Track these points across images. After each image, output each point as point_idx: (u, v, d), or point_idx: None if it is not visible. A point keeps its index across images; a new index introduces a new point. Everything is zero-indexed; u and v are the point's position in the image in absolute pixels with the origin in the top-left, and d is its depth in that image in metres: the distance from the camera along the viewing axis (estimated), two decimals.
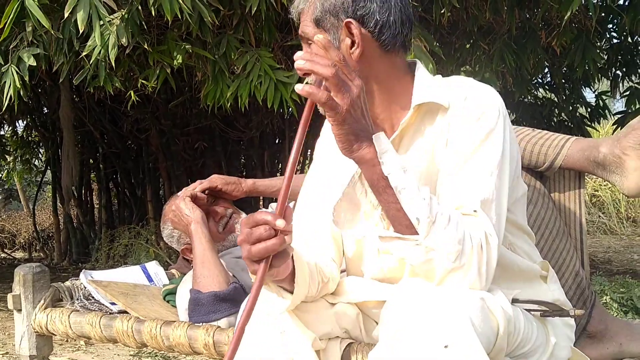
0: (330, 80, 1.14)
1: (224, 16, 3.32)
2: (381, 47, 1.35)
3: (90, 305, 2.03)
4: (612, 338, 1.68)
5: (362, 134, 1.20)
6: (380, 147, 1.20)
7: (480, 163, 1.27)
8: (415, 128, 1.37)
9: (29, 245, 8.34)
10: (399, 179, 1.19)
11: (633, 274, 4.66)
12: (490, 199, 1.25)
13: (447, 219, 1.19)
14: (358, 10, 1.32)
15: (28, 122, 7.71)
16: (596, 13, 3.43)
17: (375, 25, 1.33)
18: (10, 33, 2.99)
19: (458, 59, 3.97)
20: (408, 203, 1.19)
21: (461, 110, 1.32)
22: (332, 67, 1.13)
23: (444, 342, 1.10)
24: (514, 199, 1.41)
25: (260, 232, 1.12)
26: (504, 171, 1.29)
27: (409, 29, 1.38)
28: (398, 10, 1.35)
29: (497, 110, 1.31)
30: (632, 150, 1.61)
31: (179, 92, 5.16)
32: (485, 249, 1.21)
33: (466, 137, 1.30)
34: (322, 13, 1.34)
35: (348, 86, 1.16)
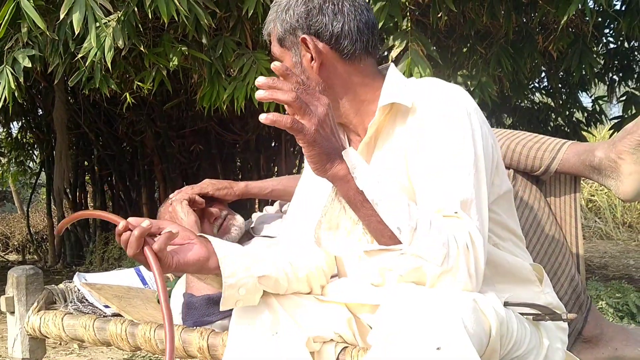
0: (293, 105, 1.16)
1: (220, 18, 3.32)
2: (342, 57, 1.39)
3: (83, 308, 2.02)
4: (608, 343, 1.68)
5: (333, 152, 1.21)
6: (350, 162, 1.22)
7: (454, 164, 1.28)
8: (387, 130, 1.39)
9: (22, 248, 8.31)
10: (374, 192, 1.20)
11: (629, 279, 4.66)
12: (469, 199, 1.25)
13: (429, 224, 1.20)
14: (312, 25, 1.38)
15: (23, 124, 7.69)
16: (593, 18, 3.43)
17: (330, 37, 1.38)
18: (6, 34, 2.98)
19: (455, 62, 3.97)
20: (387, 214, 1.20)
21: (428, 112, 1.32)
22: (292, 92, 1.15)
23: (436, 344, 1.10)
24: (495, 195, 1.40)
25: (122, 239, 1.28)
26: (480, 170, 1.29)
27: (369, 34, 1.41)
28: (352, 19, 1.38)
29: (464, 110, 1.32)
30: (627, 155, 1.61)
31: (174, 94, 5.15)
32: (472, 249, 1.22)
33: (437, 140, 1.30)
34: (283, 33, 1.41)
35: (314, 106, 1.18)
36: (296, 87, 1.16)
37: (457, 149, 1.28)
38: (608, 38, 4.83)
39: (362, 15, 1.40)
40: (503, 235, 1.45)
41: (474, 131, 1.31)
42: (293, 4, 1.39)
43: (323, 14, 1.37)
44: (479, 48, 3.82)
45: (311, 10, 1.37)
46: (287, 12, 1.39)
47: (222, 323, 1.79)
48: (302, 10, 1.38)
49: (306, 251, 1.45)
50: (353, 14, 1.38)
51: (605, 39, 4.82)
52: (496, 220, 1.42)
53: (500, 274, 1.39)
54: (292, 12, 1.39)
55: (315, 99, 1.18)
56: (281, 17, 1.41)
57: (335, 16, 1.37)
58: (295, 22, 1.39)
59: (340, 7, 1.38)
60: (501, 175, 1.43)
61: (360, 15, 1.39)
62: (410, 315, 1.15)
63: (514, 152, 1.74)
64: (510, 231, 1.47)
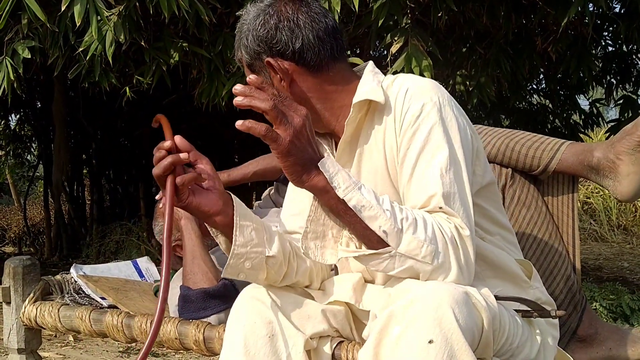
0: (270, 114, 1.17)
1: (221, 14, 3.32)
2: (309, 70, 1.39)
3: (80, 300, 2.02)
4: (602, 342, 1.69)
5: (310, 163, 1.21)
6: (328, 172, 1.21)
7: (431, 159, 1.28)
8: (367, 128, 1.39)
9: (19, 240, 8.30)
10: (356, 199, 1.20)
11: (623, 282, 4.68)
12: (450, 192, 1.25)
13: (414, 223, 1.20)
14: (273, 47, 1.37)
15: (21, 116, 7.68)
16: (592, 20, 3.44)
17: (293, 54, 1.37)
18: (6, 25, 2.98)
19: (454, 62, 3.97)
20: (371, 219, 1.20)
21: (404, 109, 1.33)
22: (269, 101, 1.16)
23: (429, 337, 1.11)
24: (478, 185, 1.40)
25: (157, 155, 1.25)
26: (458, 162, 1.29)
27: (331, 40, 1.40)
28: (310, 31, 1.37)
29: (436, 102, 1.31)
30: (625, 155, 1.62)
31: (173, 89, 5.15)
32: (459, 242, 1.22)
33: (413, 137, 1.30)
34: (250, 59, 1.41)
35: (290, 117, 1.18)
36: (272, 97, 1.17)
37: (434, 145, 1.28)
38: (607, 41, 4.84)
39: (320, 23, 1.38)
40: (491, 229, 1.45)
41: (448, 124, 1.31)
42: (252, 29, 1.38)
43: (281, 32, 1.36)
44: (478, 48, 3.82)
45: (269, 32, 1.36)
46: (248, 38, 1.39)
47: (218, 316, 1.80)
48: (261, 33, 1.37)
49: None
50: (310, 25, 1.37)
51: (604, 41, 4.83)
52: (482, 213, 1.42)
53: (488, 268, 1.39)
54: (251, 37, 1.38)
55: (292, 110, 1.19)
56: (244, 43, 1.40)
57: (293, 32, 1.36)
58: (257, 46, 1.38)
59: (296, 21, 1.36)
60: (483, 166, 1.42)
61: (318, 24, 1.38)
62: (403, 309, 1.16)
63: (512, 151, 1.75)
64: (497, 224, 1.47)
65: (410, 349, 1.12)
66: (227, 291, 1.83)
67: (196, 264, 1.89)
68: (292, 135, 1.17)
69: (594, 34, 3.97)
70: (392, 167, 1.36)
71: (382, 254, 1.21)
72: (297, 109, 1.19)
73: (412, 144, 1.30)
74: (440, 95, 1.33)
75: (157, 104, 5.80)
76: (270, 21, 1.37)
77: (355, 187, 1.21)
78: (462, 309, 1.14)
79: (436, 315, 1.12)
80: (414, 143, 1.30)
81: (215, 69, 3.39)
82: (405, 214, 1.21)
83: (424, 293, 1.16)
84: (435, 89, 1.34)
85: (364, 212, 1.19)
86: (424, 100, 1.31)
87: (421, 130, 1.29)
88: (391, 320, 1.16)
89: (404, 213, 1.21)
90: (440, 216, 1.24)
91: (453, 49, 4.02)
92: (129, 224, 6.23)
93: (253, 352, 1.30)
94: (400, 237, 1.19)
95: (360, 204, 1.20)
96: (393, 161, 1.35)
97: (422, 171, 1.28)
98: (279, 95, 1.18)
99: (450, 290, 1.16)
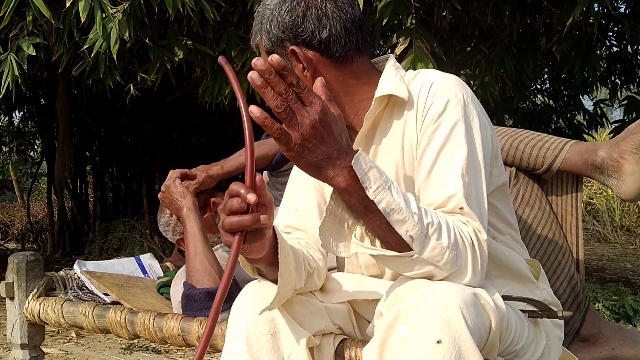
0: (279, 114, 1.07)
1: (225, 12, 3.32)
2: (334, 61, 1.35)
3: (83, 295, 2.03)
4: (605, 342, 1.69)
5: (327, 162, 1.12)
6: (361, 170, 1.12)
7: (452, 157, 1.25)
8: (385, 123, 1.37)
9: (22, 237, 8.32)
10: (386, 201, 1.13)
11: (626, 283, 4.67)
12: (471, 193, 1.24)
13: (439, 228, 1.16)
14: (299, 35, 1.33)
15: (25, 113, 7.69)
16: (597, 20, 3.44)
17: (319, 44, 1.33)
18: (10, 21, 2.98)
19: (458, 62, 3.97)
20: (399, 222, 1.13)
21: (427, 104, 1.30)
22: (280, 98, 1.06)
23: (437, 337, 1.10)
24: (494, 186, 1.38)
25: (233, 203, 1.08)
26: (477, 162, 1.27)
27: (357, 32, 1.36)
28: (337, 21, 1.33)
29: (460, 99, 1.29)
30: (630, 155, 1.61)
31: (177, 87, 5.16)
32: (478, 247, 1.21)
33: (433, 132, 1.28)
34: (271, 46, 1.36)
35: (301, 116, 1.07)
36: (287, 91, 1.06)
37: (455, 142, 1.26)
38: (611, 41, 4.83)
39: (347, 14, 1.34)
40: (502, 228, 1.44)
41: (471, 123, 1.29)
42: (276, 15, 1.33)
43: (308, 21, 1.31)
44: (482, 48, 3.82)
45: (296, 19, 1.32)
46: (272, 24, 1.34)
47: (222, 315, 1.80)
48: (286, 20, 1.32)
49: (311, 246, 1.44)
50: (338, 15, 1.32)
51: (609, 41, 4.82)
52: (495, 213, 1.41)
53: (497, 268, 1.38)
54: (276, 23, 1.33)
55: (304, 108, 1.08)
56: (266, 28, 1.35)
57: (321, 21, 1.31)
58: (281, 33, 1.33)
59: (324, 10, 1.32)
60: (499, 167, 1.41)
61: (345, 15, 1.34)
62: (411, 308, 1.14)
63: (516, 150, 1.75)
64: (508, 224, 1.46)
65: (418, 348, 1.10)
66: (229, 290, 1.83)
67: (198, 260, 1.88)
68: (301, 138, 1.08)
69: (599, 34, 3.96)
70: (409, 163, 1.34)
71: (404, 257, 1.16)
72: (313, 103, 1.08)
73: (433, 140, 1.28)
74: (465, 93, 1.31)
75: (161, 101, 5.81)
76: (298, 8, 1.32)
77: (385, 186, 1.13)
78: (470, 310, 1.13)
79: (445, 315, 1.11)
80: (435, 139, 1.27)
81: (219, 68, 3.38)
82: (430, 217, 1.16)
83: (433, 293, 1.15)
84: (459, 85, 1.32)
85: (392, 215, 1.13)
86: (448, 97, 1.29)
87: (443, 127, 1.27)
88: (398, 319, 1.15)
89: (430, 217, 1.16)
90: (460, 219, 1.22)
91: (457, 48, 4.01)
92: (132, 221, 6.24)
93: (255, 349, 1.29)
94: (425, 243, 1.15)
95: (390, 206, 1.13)
96: (411, 156, 1.33)
97: (442, 169, 1.25)
98: (297, 84, 1.07)
99: (459, 291, 1.15)
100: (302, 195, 1.49)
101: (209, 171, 2.08)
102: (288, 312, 1.34)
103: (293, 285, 1.30)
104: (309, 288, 1.41)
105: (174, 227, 2.12)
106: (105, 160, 7.36)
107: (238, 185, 1.09)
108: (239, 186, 1.09)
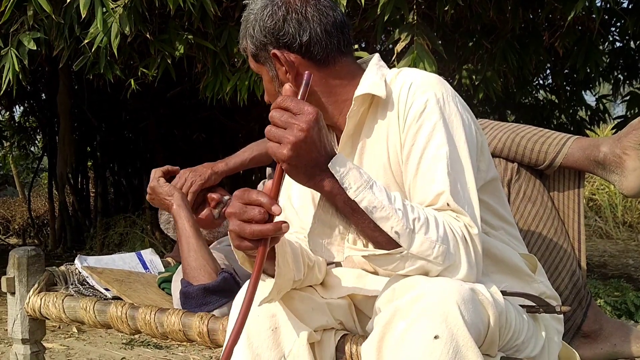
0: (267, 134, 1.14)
1: (226, 8, 3.31)
2: (315, 63, 1.37)
3: (84, 291, 2.02)
4: (607, 338, 1.68)
5: (313, 170, 1.16)
6: (338, 172, 1.16)
7: (436, 156, 1.26)
8: (370, 122, 1.38)
9: (23, 232, 8.33)
10: (367, 199, 1.16)
11: (628, 279, 4.67)
12: (458, 189, 1.24)
13: (426, 222, 1.17)
14: (280, 39, 1.36)
15: (25, 108, 7.69)
16: (600, 15, 3.42)
17: (300, 47, 1.36)
18: (11, 16, 2.98)
19: (460, 57, 3.96)
20: (383, 220, 1.16)
21: (407, 104, 1.31)
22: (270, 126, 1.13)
23: (434, 332, 1.10)
24: (482, 181, 1.39)
25: (255, 213, 1.10)
26: (463, 158, 1.28)
27: (338, 34, 1.38)
28: (318, 24, 1.36)
29: (440, 98, 1.30)
30: (632, 150, 1.61)
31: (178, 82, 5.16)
32: (470, 241, 1.21)
33: (416, 132, 1.29)
34: (255, 50, 1.40)
35: (289, 129, 1.12)
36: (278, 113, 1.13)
37: (438, 141, 1.27)
38: (614, 36, 4.82)
39: (327, 17, 1.37)
40: (495, 223, 1.44)
41: (453, 120, 1.29)
42: (259, 19, 1.36)
43: (289, 25, 1.34)
44: (484, 43, 3.81)
45: (277, 24, 1.35)
46: (255, 28, 1.37)
47: (221, 310, 1.80)
48: (268, 24, 1.35)
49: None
50: (318, 18, 1.35)
51: (611, 37, 4.81)
52: (486, 208, 1.41)
53: (492, 263, 1.38)
54: (258, 27, 1.37)
55: (296, 116, 1.13)
56: (250, 33, 1.39)
57: (301, 25, 1.34)
58: (263, 37, 1.37)
59: (304, 14, 1.35)
60: (487, 161, 1.41)
61: (326, 18, 1.36)
62: (409, 304, 1.15)
63: (518, 145, 1.74)
64: (501, 219, 1.46)
65: (415, 344, 1.11)
66: (227, 285, 1.82)
67: (192, 257, 1.86)
68: (289, 153, 1.12)
69: (602, 29, 3.95)
70: (394, 163, 1.35)
71: (394, 254, 1.18)
72: (303, 113, 1.13)
73: (416, 140, 1.29)
74: (445, 91, 1.32)
75: (162, 96, 5.81)
76: (279, 12, 1.35)
77: (367, 186, 1.17)
78: (468, 306, 1.13)
79: (442, 311, 1.11)
80: (419, 139, 1.28)
81: (220, 63, 3.38)
82: (417, 213, 1.18)
83: (430, 289, 1.15)
84: (439, 84, 1.33)
85: (375, 213, 1.16)
86: (427, 96, 1.30)
87: (425, 126, 1.28)
88: (396, 315, 1.15)
89: (416, 212, 1.18)
90: (450, 214, 1.23)
91: (459, 43, 4.00)
92: (133, 216, 6.24)
93: (256, 344, 1.30)
94: (413, 238, 1.16)
95: (372, 204, 1.16)
96: (396, 157, 1.34)
97: (428, 168, 1.26)
98: (287, 99, 1.13)
99: (456, 286, 1.15)
100: (297, 193, 1.50)
101: (214, 168, 2.09)
102: (289, 308, 1.35)
103: (291, 276, 1.30)
104: (311, 282, 1.41)
105: (174, 224, 2.11)
106: (106, 155, 7.36)
107: (259, 195, 1.12)
108: (260, 195, 1.12)
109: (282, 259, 1.25)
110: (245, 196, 1.13)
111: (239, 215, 1.12)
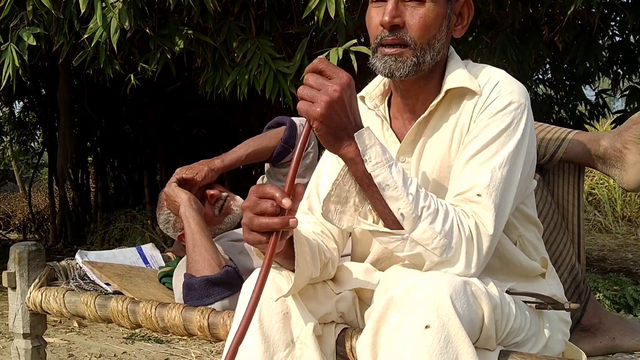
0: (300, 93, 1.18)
1: (226, 3, 3.30)
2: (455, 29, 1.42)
3: (85, 285, 2.03)
4: (606, 332, 1.69)
5: (341, 133, 1.21)
6: (363, 143, 1.21)
7: (493, 156, 1.29)
8: (442, 112, 1.40)
9: (23, 227, 8.33)
10: (382, 176, 1.20)
11: (627, 273, 4.67)
12: (496, 187, 1.26)
13: (434, 213, 1.21)
14: None
15: (25, 103, 7.69)
16: (599, 10, 3.42)
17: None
18: (11, 11, 2.97)
19: (460, 51, 3.95)
20: (392, 199, 1.20)
21: (489, 99, 1.33)
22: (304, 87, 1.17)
23: (425, 322, 1.12)
24: (530, 191, 1.44)
25: (267, 206, 1.13)
26: (516, 164, 1.30)
27: None
28: None
29: (521, 105, 1.33)
30: (632, 145, 1.61)
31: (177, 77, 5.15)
32: (476, 240, 1.23)
33: (485, 127, 1.31)
34: None
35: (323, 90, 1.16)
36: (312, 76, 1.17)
37: (501, 139, 1.29)
38: (614, 31, 4.81)
39: None
40: (528, 227, 1.48)
41: (524, 130, 1.32)
42: None
43: None
44: (484, 37, 3.80)
45: None
46: None
47: (222, 303, 1.81)
48: None
49: (326, 235, 1.46)
50: None
51: (611, 31, 4.80)
52: (526, 213, 1.45)
53: (509, 272, 1.41)
54: None
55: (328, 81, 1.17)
56: None
57: None
58: None
59: None
60: (532, 179, 1.45)
61: None
62: (401, 297, 1.17)
63: None
64: (534, 223, 1.50)
65: (408, 335, 1.13)
66: (230, 278, 1.83)
67: (197, 252, 1.88)
68: (322, 110, 1.16)
69: (601, 23, 3.94)
70: (455, 150, 1.37)
71: (395, 234, 1.22)
72: (337, 77, 1.17)
73: (482, 134, 1.31)
74: (526, 101, 1.35)
75: (162, 91, 5.80)
76: None
77: (386, 164, 1.21)
78: (460, 297, 1.15)
79: (434, 301, 1.13)
80: (485, 133, 1.31)
81: (219, 58, 3.37)
82: (428, 202, 1.22)
83: (423, 281, 1.17)
84: (524, 92, 1.36)
85: (387, 190, 1.20)
86: (512, 99, 1.32)
87: (497, 125, 1.31)
88: (389, 308, 1.18)
89: (427, 201, 1.22)
90: (472, 207, 1.25)
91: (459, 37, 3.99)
92: (134, 211, 6.24)
93: (267, 326, 1.31)
94: (416, 224, 1.20)
95: (385, 182, 1.20)
96: (458, 142, 1.36)
97: (481, 162, 1.29)
98: (321, 63, 1.17)
99: (448, 278, 1.18)
100: (326, 183, 1.51)
101: (211, 164, 2.10)
102: (300, 297, 1.36)
103: (309, 274, 1.33)
104: (324, 277, 1.44)
105: (174, 223, 2.12)
106: (106, 150, 7.36)
107: (273, 189, 1.14)
108: (274, 189, 1.14)
109: (301, 258, 1.28)
110: (260, 190, 1.16)
111: (252, 208, 1.15)
